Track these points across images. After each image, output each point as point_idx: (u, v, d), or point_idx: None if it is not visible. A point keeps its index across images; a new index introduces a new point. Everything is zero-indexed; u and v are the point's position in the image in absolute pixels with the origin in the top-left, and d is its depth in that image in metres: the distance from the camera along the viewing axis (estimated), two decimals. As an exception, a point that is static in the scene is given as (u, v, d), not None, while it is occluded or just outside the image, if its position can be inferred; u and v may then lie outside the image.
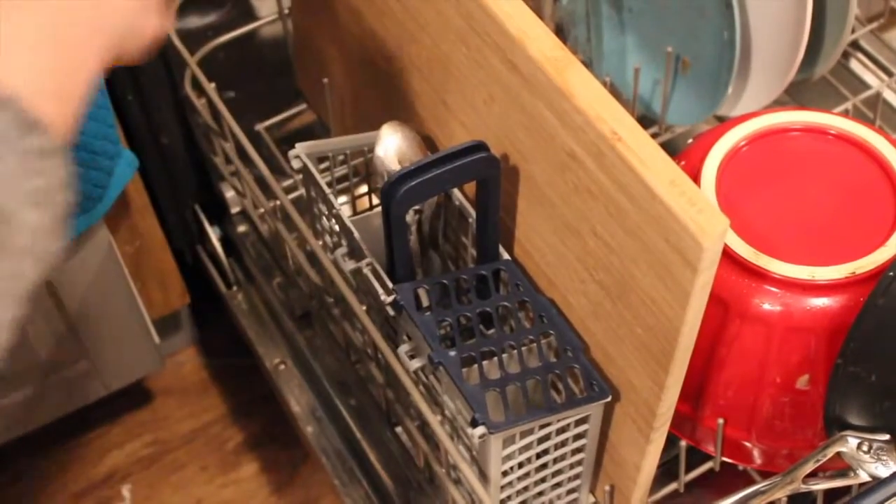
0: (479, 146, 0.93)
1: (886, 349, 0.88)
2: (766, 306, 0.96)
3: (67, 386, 1.42)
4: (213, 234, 1.42)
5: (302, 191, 1.23)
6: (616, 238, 0.84)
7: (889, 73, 1.34)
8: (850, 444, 0.91)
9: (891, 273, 0.87)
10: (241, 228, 1.43)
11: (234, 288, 1.43)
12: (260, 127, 1.31)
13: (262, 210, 1.25)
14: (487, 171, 0.94)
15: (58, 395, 1.42)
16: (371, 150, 1.10)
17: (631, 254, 0.83)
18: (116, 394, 1.49)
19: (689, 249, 0.76)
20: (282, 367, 1.35)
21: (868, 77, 1.37)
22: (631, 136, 0.79)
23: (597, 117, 0.81)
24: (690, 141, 1.10)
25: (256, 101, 1.44)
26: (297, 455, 1.54)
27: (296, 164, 1.07)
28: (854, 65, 1.37)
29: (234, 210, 1.40)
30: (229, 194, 1.38)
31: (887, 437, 0.91)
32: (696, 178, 1.01)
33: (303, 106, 1.40)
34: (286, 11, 1.32)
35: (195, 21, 1.47)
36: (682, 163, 1.05)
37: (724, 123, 1.07)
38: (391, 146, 1.03)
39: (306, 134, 1.43)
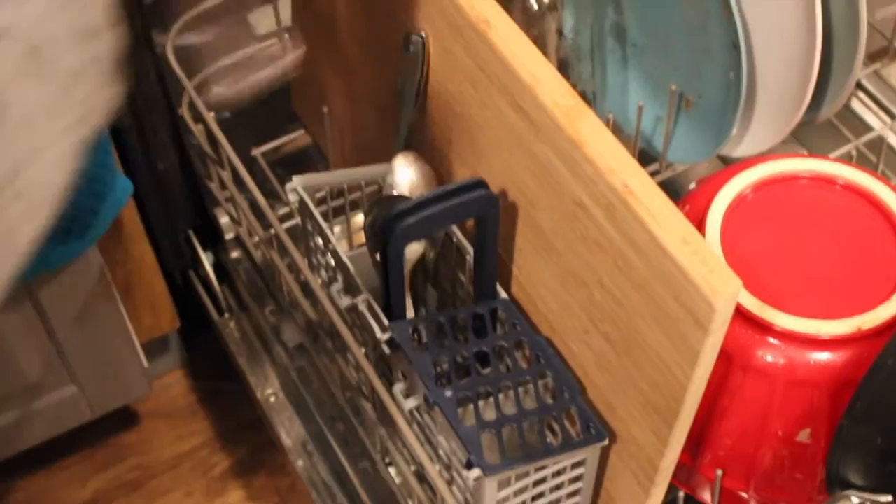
0: (478, 184, 0.91)
1: (894, 411, 0.87)
2: (770, 359, 0.95)
3: (53, 410, 1.40)
4: (206, 259, 1.41)
5: (298, 219, 1.22)
6: (624, 292, 0.82)
7: (891, 115, 1.34)
8: (852, 503, 0.90)
9: (900, 335, 0.86)
10: (235, 254, 1.42)
11: (227, 315, 1.42)
12: (256, 152, 1.30)
13: (256, 238, 1.23)
14: (486, 209, 0.92)
15: (43, 418, 1.40)
16: (369, 183, 1.09)
17: (639, 309, 0.81)
18: (102, 416, 1.47)
19: (700, 310, 0.75)
20: (273, 398, 1.33)
21: (869, 117, 1.36)
22: (643, 190, 0.78)
23: (608, 169, 0.79)
24: (693, 185, 1.09)
25: (252, 121, 1.43)
26: (284, 483, 1.52)
27: (293, 198, 1.05)
28: (855, 104, 1.36)
29: (229, 236, 1.39)
30: (224, 220, 1.37)
31: (889, 498, 0.90)
32: (700, 223, 1.00)
33: (300, 129, 1.38)
34: (286, 37, 1.31)
35: (192, 39, 1.45)
36: (687, 207, 1.04)
37: (730, 168, 1.06)
38: (404, 179, 1.02)
39: (302, 158, 1.42)
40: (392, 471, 1.14)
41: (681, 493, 1.03)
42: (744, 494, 1.01)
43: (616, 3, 1.21)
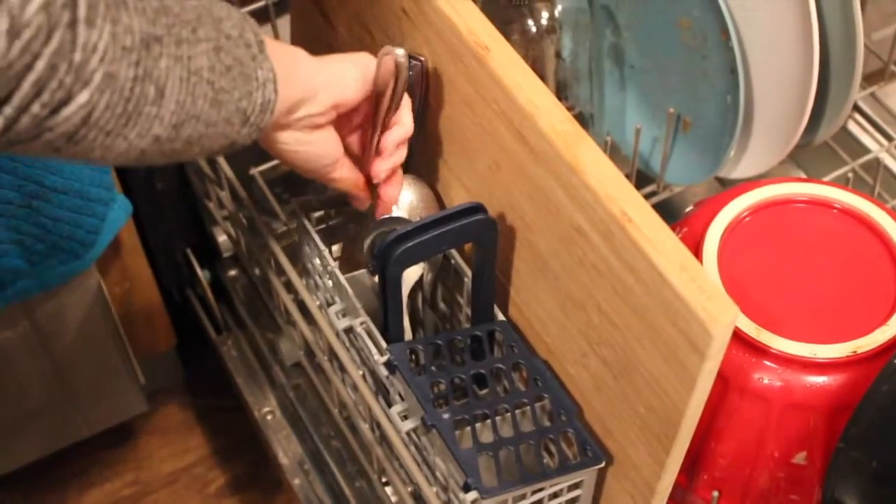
0: (477, 208, 0.92)
1: (889, 436, 0.87)
2: (766, 382, 0.95)
3: (51, 426, 1.40)
4: (204, 277, 1.41)
5: (296, 238, 1.22)
6: (622, 316, 0.83)
7: (888, 137, 1.34)
8: (847, 526, 0.91)
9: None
10: (232, 273, 1.42)
11: (224, 333, 1.42)
12: (255, 171, 1.30)
13: (254, 257, 1.23)
14: (485, 232, 0.93)
15: (41, 435, 1.40)
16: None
17: (636, 333, 0.82)
18: (99, 432, 1.47)
19: (698, 336, 0.75)
20: (270, 416, 1.33)
21: (866, 139, 1.36)
22: (641, 217, 0.78)
23: (606, 196, 0.80)
24: (691, 208, 1.09)
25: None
26: (280, 501, 1.52)
27: (291, 219, 1.05)
28: (852, 126, 1.37)
29: (226, 254, 1.39)
30: (221, 238, 1.37)
31: (885, 521, 0.90)
32: (698, 247, 1.01)
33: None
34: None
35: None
36: (684, 229, 1.04)
37: (728, 192, 1.06)
38: (403, 201, 1.02)
39: (300, 177, 1.41)
40: (388, 490, 1.14)
41: (678, 515, 1.04)
42: (740, 516, 1.01)
43: (614, 26, 1.22)
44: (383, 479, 1.14)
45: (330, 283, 1.05)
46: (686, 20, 1.14)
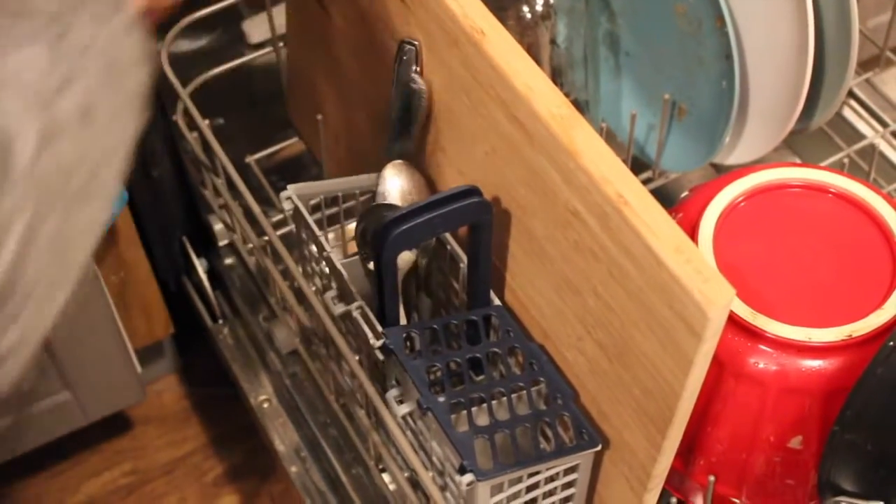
0: (472, 191, 0.92)
1: (884, 418, 0.88)
2: (762, 366, 0.95)
3: (47, 416, 1.40)
4: (200, 266, 1.41)
5: (292, 226, 1.22)
6: (617, 300, 0.83)
7: (883, 124, 1.34)
8: (843, 509, 0.91)
9: (890, 343, 0.87)
10: (229, 261, 1.42)
11: (220, 322, 1.42)
12: (250, 159, 1.30)
13: (250, 245, 1.24)
14: (480, 215, 0.93)
15: (37, 425, 1.40)
16: (364, 192, 1.09)
17: (632, 317, 0.82)
18: (96, 421, 1.47)
19: (694, 318, 0.75)
20: (266, 404, 1.34)
21: (861, 125, 1.37)
22: (637, 200, 0.78)
23: (602, 179, 0.80)
24: (686, 193, 1.09)
25: (246, 128, 1.43)
26: (278, 489, 1.53)
27: (287, 206, 1.05)
28: (847, 112, 1.37)
29: (222, 243, 1.39)
30: (217, 227, 1.37)
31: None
32: (693, 232, 1.01)
33: (294, 136, 1.38)
34: (280, 45, 1.31)
35: (185, 46, 1.45)
36: (680, 215, 1.05)
37: (723, 177, 1.06)
38: (394, 188, 1.02)
39: (297, 165, 1.42)
40: (386, 477, 1.15)
41: (673, 499, 1.04)
42: (736, 500, 1.02)
43: (609, 12, 1.22)
44: (380, 466, 1.14)
45: (326, 269, 1.05)
46: (681, 6, 1.14)
